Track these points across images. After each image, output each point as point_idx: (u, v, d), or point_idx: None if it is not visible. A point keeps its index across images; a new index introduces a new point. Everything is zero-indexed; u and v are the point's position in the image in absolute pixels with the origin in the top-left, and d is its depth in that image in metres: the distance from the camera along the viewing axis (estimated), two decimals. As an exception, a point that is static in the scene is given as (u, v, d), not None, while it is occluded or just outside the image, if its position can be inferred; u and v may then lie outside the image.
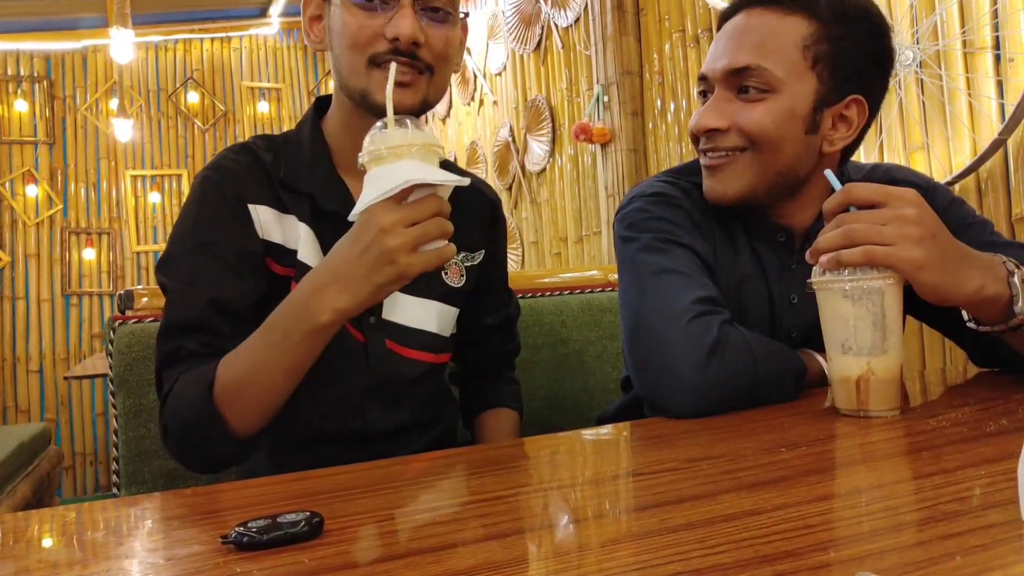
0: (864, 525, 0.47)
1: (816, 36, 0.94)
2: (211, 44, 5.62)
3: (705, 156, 1.01)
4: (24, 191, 5.10)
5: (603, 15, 2.93)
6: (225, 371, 0.84)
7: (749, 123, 0.95)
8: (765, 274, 1.03)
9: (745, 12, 0.99)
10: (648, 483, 0.61)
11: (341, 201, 0.98)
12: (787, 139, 0.96)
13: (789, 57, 0.94)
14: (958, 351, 1.10)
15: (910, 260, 0.75)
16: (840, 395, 0.80)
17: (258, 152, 1.00)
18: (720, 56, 0.98)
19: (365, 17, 0.90)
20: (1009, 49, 1.57)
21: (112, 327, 1.21)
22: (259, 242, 0.95)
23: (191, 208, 0.96)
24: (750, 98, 0.96)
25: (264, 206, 0.96)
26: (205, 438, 0.85)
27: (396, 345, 1.01)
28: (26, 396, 4.99)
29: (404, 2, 0.89)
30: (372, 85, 0.92)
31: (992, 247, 0.92)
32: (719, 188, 1.00)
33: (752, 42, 0.96)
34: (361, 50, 0.91)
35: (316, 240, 0.97)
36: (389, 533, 0.52)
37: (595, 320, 1.54)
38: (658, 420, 0.86)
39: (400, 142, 0.73)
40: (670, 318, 0.88)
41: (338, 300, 0.77)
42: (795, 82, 0.94)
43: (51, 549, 0.56)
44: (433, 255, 0.75)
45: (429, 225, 0.74)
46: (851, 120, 0.98)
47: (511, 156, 3.83)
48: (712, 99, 0.99)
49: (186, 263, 0.93)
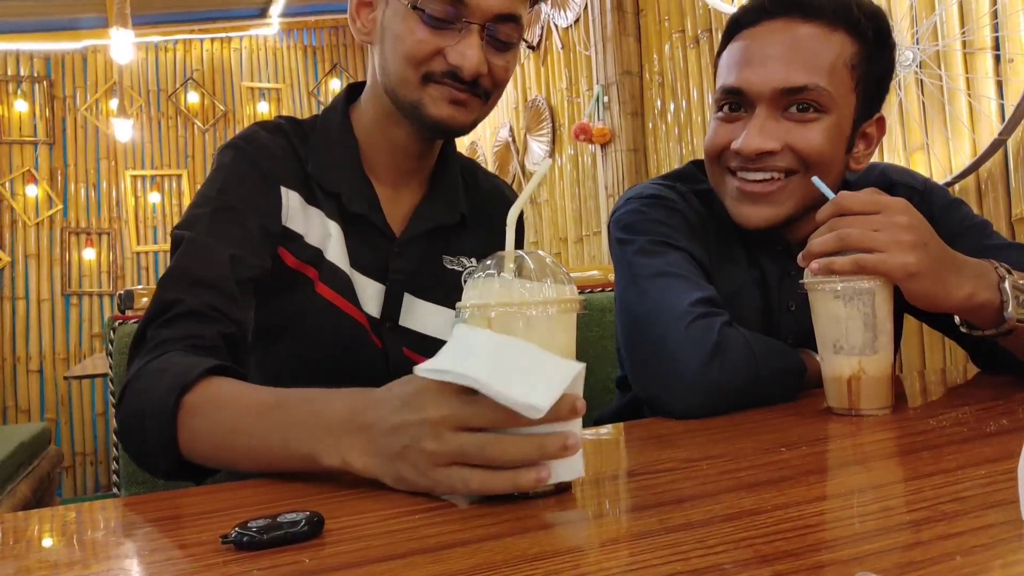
0: (864, 525, 0.47)
1: (861, 56, 0.93)
2: (211, 44, 5.62)
3: (740, 179, 0.95)
4: (24, 191, 5.10)
5: (603, 15, 2.94)
6: (208, 399, 0.70)
7: (806, 145, 0.92)
8: (763, 281, 1.03)
9: (785, 21, 0.93)
10: (648, 483, 0.61)
11: (367, 204, 0.94)
12: (835, 160, 0.95)
13: (841, 76, 0.92)
14: (958, 351, 1.10)
15: (902, 267, 0.75)
16: (832, 394, 0.82)
17: (290, 136, 0.95)
18: (769, 71, 0.91)
19: (428, 32, 0.85)
20: (1009, 49, 1.57)
21: (112, 327, 1.21)
22: (280, 227, 0.90)
23: (220, 172, 0.90)
24: (805, 118, 0.92)
25: (295, 192, 0.92)
26: (150, 435, 0.71)
27: (413, 353, 0.98)
28: (26, 396, 4.99)
29: (473, 29, 0.85)
30: (426, 99, 0.88)
31: (991, 250, 0.93)
32: (763, 214, 0.95)
33: (806, 59, 0.91)
34: (417, 65, 0.87)
35: (344, 240, 0.93)
36: (389, 533, 0.51)
37: (595, 320, 1.54)
38: (657, 420, 0.86)
39: (523, 298, 0.56)
40: (670, 320, 0.88)
41: (356, 458, 0.61)
42: (844, 102, 0.93)
43: (51, 549, 0.56)
44: (461, 482, 0.55)
45: (478, 443, 0.55)
46: (872, 137, 0.99)
47: (511, 156, 3.83)
48: (759, 118, 0.92)
49: (208, 220, 0.86)
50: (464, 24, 0.85)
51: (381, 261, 0.96)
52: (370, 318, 0.95)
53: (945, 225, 1.00)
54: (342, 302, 0.92)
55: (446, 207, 1.01)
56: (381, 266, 0.96)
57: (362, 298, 0.94)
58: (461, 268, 1.01)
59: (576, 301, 0.58)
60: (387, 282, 0.96)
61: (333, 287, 0.92)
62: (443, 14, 0.84)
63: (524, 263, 0.58)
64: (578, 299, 0.58)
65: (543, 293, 0.56)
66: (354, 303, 0.94)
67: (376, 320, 0.96)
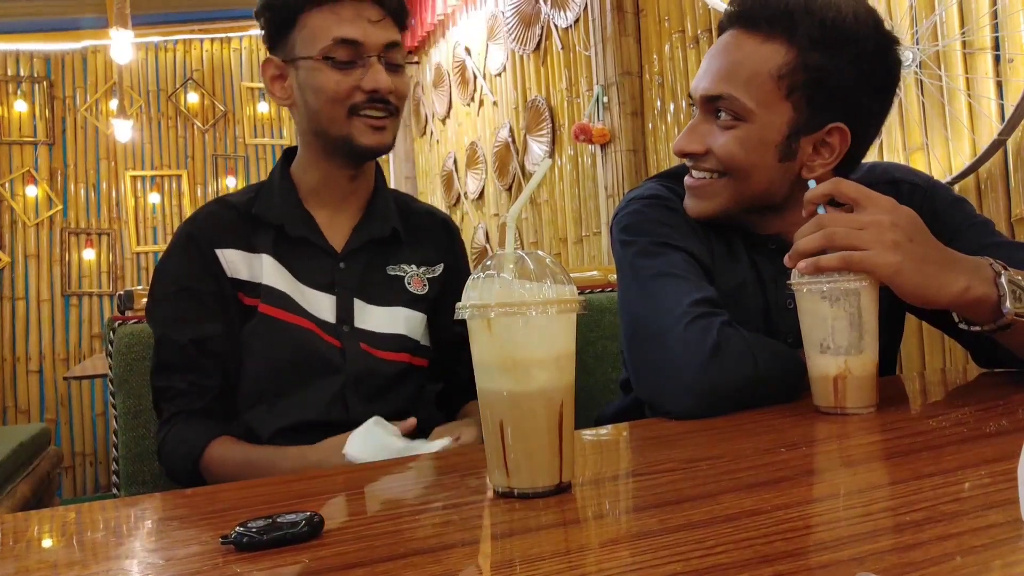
0: (864, 525, 0.47)
1: (793, 65, 0.92)
2: (211, 44, 5.62)
3: (689, 176, 1.03)
4: (24, 191, 5.10)
5: (603, 16, 2.93)
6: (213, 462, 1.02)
7: (719, 149, 0.97)
8: (761, 280, 1.04)
9: (729, 32, 0.98)
10: (648, 483, 0.61)
11: (306, 228, 1.13)
12: (758, 166, 0.96)
13: (762, 87, 0.93)
14: (958, 351, 1.10)
15: (886, 264, 0.76)
16: (819, 393, 0.83)
17: (232, 200, 1.15)
18: (700, 79, 0.99)
19: (341, 76, 1.06)
20: (1009, 49, 1.57)
21: (112, 327, 1.21)
22: (227, 280, 1.09)
23: (170, 259, 1.11)
24: (722, 124, 0.97)
25: (232, 249, 1.10)
26: (185, 482, 1.06)
27: (370, 348, 1.12)
28: (26, 396, 4.99)
29: (373, 60, 1.06)
30: (354, 132, 1.07)
31: (993, 248, 0.92)
32: (695, 207, 1.03)
33: (727, 69, 0.96)
34: (342, 103, 1.06)
35: (282, 267, 1.11)
36: (389, 533, 0.52)
37: (595, 320, 1.54)
38: (658, 421, 0.86)
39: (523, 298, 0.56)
40: (670, 321, 0.88)
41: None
42: (767, 112, 0.94)
43: (51, 549, 0.56)
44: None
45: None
46: (833, 146, 0.96)
47: (511, 156, 3.83)
48: (692, 122, 1.01)
49: (168, 306, 1.09)
50: (364, 59, 1.06)
51: (328, 275, 1.13)
52: (324, 321, 1.11)
53: (948, 222, 1.00)
54: (283, 314, 1.09)
55: (380, 223, 1.18)
56: (329, 280, 1.13)
57: (316, 307, 1.11)
58: (403, 273, 1.19)
59: (576, 301, 0.58)
60: (335, 292, 1.12)
61: (273, 304, 1.09)
62: (347, 56, 1.05)
63: (524, 263, 0.58)
64: (578, 299, 0.58)
65: (543, 293, 0.57)
66: (297, 313, 1.09)
67: (332, 325, 1.11)
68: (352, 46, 1.05)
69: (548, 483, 0.58)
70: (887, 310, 0.89)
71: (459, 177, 4.53)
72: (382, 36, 1.07)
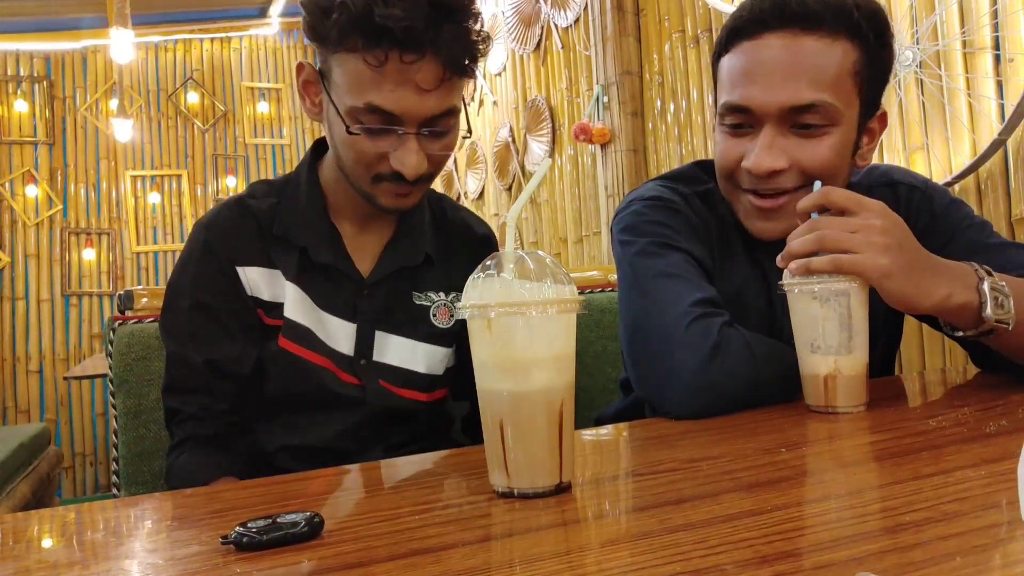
0: (864, 525, 0.47)
1: (863, 61, 0.92)
2: (211, 44, 5.62)
3: (755, 196, 0.96)
4: (24, 191, 5.10)
5: (603, 15, 2.93)
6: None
7: (815, 162, 0.91)
8: (764, 279, 1.03)
9: (786, 34, 0.91)
10: (648, 483, 0.61)
11: (333, 254, 1.03)
12: (843, 168, 0.95)
13: (843, 87, 0.91)
14: (958, 351, 1.10)
15: (875, 268, 0.76)
16: (809, 392, 0.84)
17: (253, 206, 1.04)
18: (774, 89, 0.90)
19: (369, 143, 0.92)
20: (1009, 49, 1.56)
21: (112, 327, 1.21)
22: (248, 299, 1.02)
23: (187, 270, 1.03)
24: (812, 134, 0.91)
25: (252, 267, 1.02)
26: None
27: (388, 385, 1.06)
28: (26, 396, 4.99)
29: (410, 135, 0.91)
30: (377, 194, 0.97)
31: (991, 248, 0.93)
32: (779, 228, 0.95)
33: (810, 74, 0.89)
34: (366, 167, 0.95)
35: (304, 295, 1.02)
36: (389, 533, 0.52)
37: (595, 320, 1.54)
38: (658, 421, 0.86)
39: (523, 298, 0.56)
40: (670, 321, 0.88)
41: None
42: (850, 111, 0.93)
43: (51, 549, 0.56)
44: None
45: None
46: (875, 131, 0.98)
47: (511, 156, 3.82)
48: (767, 136, 0.92)
49: (183, 321, 1.01)
50: (400, 131, 0.91)
51: (350, 302, 1.04)
52: (342, 356, 1.04)
53: (946, 224, 1.00)
54: (303, 351, 1.02)
55: (412, 247, 1.08)
56: (351, 307, 1.04)
57: (335, 338, 1.04)
58: (430, 303, 1.09)
59: (576, 301, 0.58)
60: (356, 321, 1.04)
61: (294, 340, 1.02)
62: (379, 123, 0.90)
63: (524, 263, 0.58)
64: (578, 299, 0.58)
65: (543, 293, 0.57)
66: (316, 350, 1.02)
67: (349, 359, 1.04)
68: (386, 116, 0.90)
69: (548, 483, 0.58)
70: (886, 311, 0.89)
71: (459, 177, 4.53)
72: (428, 108, 0.90)
